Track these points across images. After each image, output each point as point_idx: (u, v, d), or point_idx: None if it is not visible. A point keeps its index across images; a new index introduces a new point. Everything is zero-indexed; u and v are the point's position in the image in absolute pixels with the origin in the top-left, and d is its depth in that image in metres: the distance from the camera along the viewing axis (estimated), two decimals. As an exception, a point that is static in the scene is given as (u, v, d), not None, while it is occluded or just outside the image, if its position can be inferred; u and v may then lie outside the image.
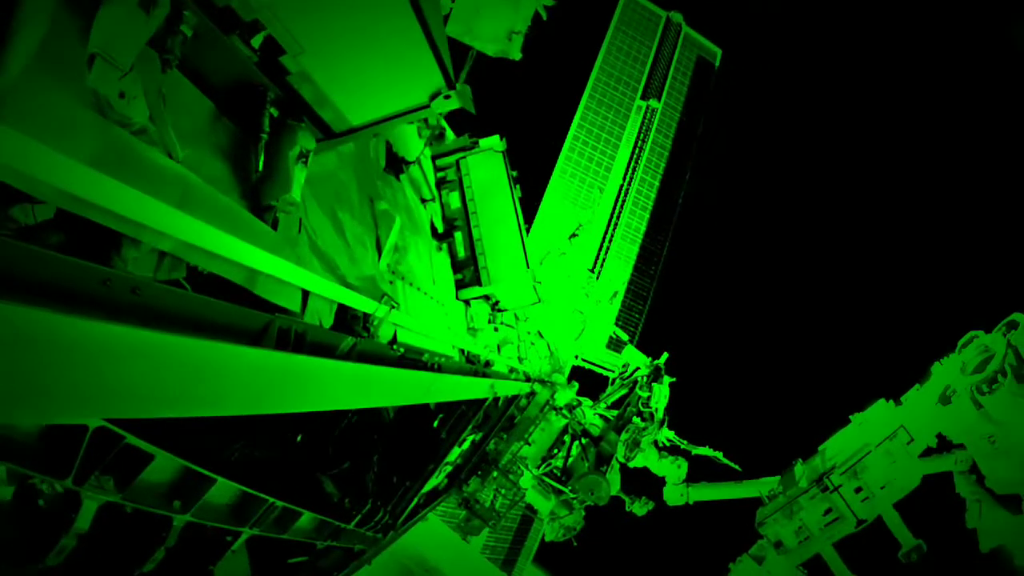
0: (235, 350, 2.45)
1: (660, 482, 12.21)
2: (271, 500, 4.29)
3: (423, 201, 6.22)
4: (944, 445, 10.05)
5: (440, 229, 6.52)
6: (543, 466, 11.82)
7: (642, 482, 12.25)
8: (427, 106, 4.00)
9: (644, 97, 18.29)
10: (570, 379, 12.43)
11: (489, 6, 5.84)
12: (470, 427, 7.61)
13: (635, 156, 17.90)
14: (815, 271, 24.20)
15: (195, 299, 2.46)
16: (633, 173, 17.85)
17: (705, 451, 12.38)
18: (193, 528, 3.87)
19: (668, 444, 12.36)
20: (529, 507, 12.44)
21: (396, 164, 5.78)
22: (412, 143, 6.38)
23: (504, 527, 18.01)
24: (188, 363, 2.18)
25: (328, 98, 3.71)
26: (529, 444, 11.38)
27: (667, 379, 12.25)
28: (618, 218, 17.56)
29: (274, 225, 3.44)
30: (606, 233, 17.38)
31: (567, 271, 14.12)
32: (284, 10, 3.18)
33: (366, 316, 4.00)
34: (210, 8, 2.98)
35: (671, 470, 12.06)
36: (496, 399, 9.59)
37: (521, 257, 6.82)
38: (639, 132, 18.03)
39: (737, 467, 12.25)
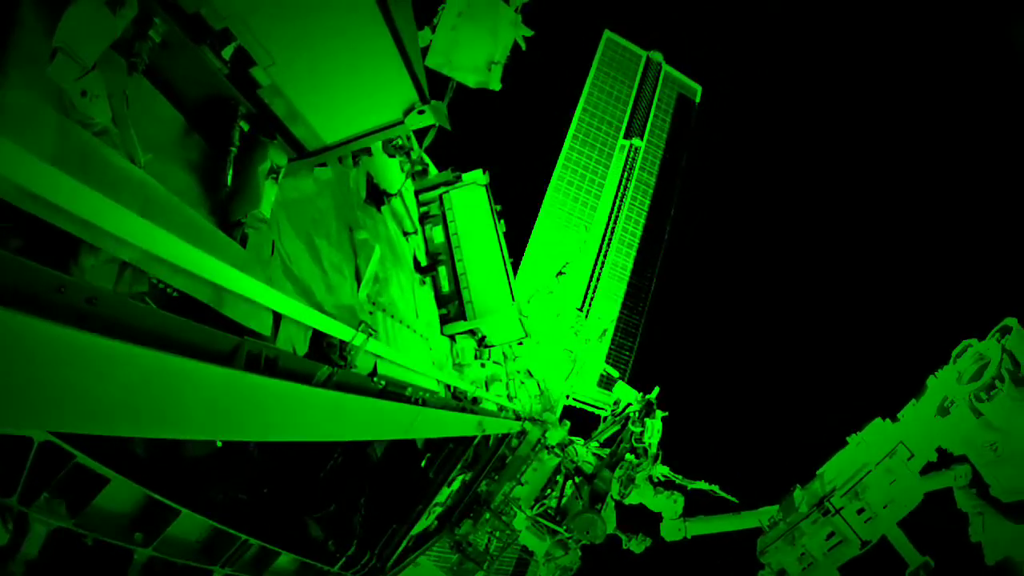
0: (200, 367, 2.30)
1: (657, 518, 11.97)
2: (243, 537, 4.06)
3: (405, 234, 6.08)
4: (944, 459, 9.89)
5: (423, 263, 6.38)
6: (537, 506, 11.56)
7: (639, 519, 12.01)
8: (401, 122, 3.88)
9: (627, 136, 18.35)
10: (561, 418, 12.22)
11: (468, 37, 5.76)
12: (459, 467, 7.39)
13: (620, 194, 17.88)
14: (800, 299, 24.18)
15: (156, 314, 2.30)
16: (618, 211, 17.81)
17: (701, 485, 12.16)
18: (158, 565, 3.64)
19: (663, 480, 12.12)
20: (524, 549, 12.15)
21: (377, 196, 5.66)
22: (394, 176, 6.26)
23: (500, 570, 17.57)
24: (146, 377, 2.01)
25: (300, 113, 3.59)
26: (522, 484, 11.15)
27: (659, 414, 12.06)
28: (605, 256, 17.46)
29: (243, 242, 3.28)
30: (593, 271, 17.26)
31: (556, 310, 13.99)
32: (255, 21, 3.07)
33: (343, 344, 3.82)
34: (180, 15, 2.87)
35: (667, 505, 11.81)
36: (486, 438, 9.38)
37: (506, 290, 6.68)
38: (623, 170, 18.04)
39: (734, 499, 12.03)
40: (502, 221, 7.31)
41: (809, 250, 24.58)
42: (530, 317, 11.67)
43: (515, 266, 15.41)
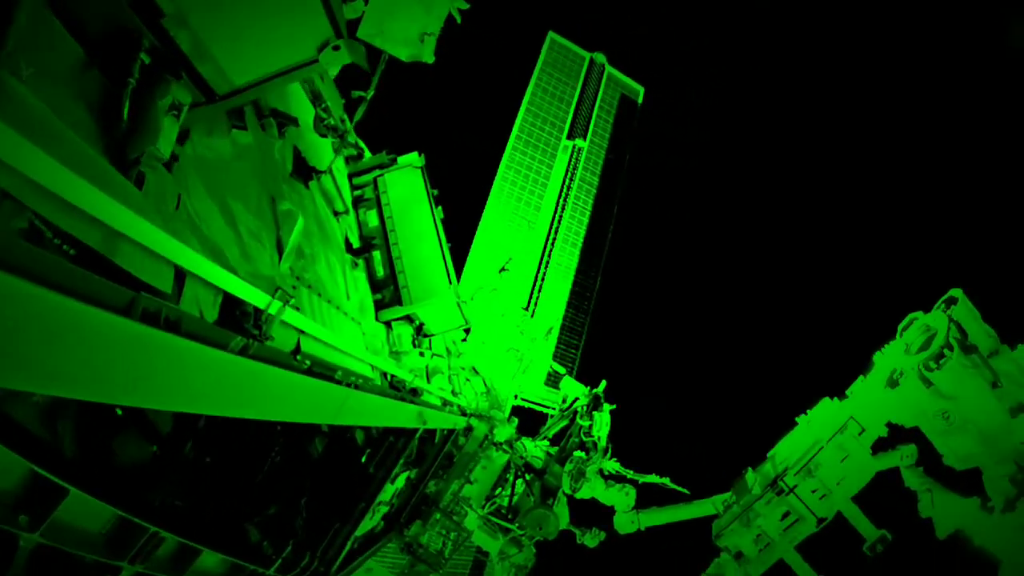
0: (89, 314, 1.90)
1: (610, 511, 11.68)
2: (152, 529, 3.61)
3: (336, 214, 5.68)
4: (893, 436, 9.78)
5: (356, 245, 5.98)
6: (488, 505, 11.19)
7: (591, 513, 11.70)
8: (315, 60, 3.50)
9: (570, 137, 18.17)
10: (509, 418, 11.88)
11: (401, 8, 5.40)
12: (401, 461, 6.97)
13: (563, 194, 17.68)
14: (740, 290, 24.25)
15: (35, 254, 1.87)
16: (562, 211, 17.61)
17: (652, 478, 11.90)
18: (53, 556, 3.19)
19: (614, 474, 11.86)
20: (479, 549, 11.77)
21: (305, 172, 5.26)
22: (324, 154, 5.86)
23: (454, 573, 17.23)
24: (21, 317, 1.62)
25: (207, 48, 3.19)
26: (471, 483, 10.76)
27: (607, 407, 11.78)
28: (550, 255, 17.22)
29: (139, 183, 2.86)
30: (538, 271, 17.02)
31: (501, 309, 13.66)
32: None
33: (258, 313, 3.41)
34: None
35: (619, 498, 11.53)
36: (431, 434, 8.98)
37: (443, 275, 6.32)
38: (567, 171, 17.86)
39: (685, 491, 11.80)
40: (440, 207, 6.96)
41: (747, 240, 24.69)
42: (474, 314, 11.29)
43: (459, 266, 15.08)
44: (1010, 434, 8.61)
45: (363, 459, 6.95)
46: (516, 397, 13.59)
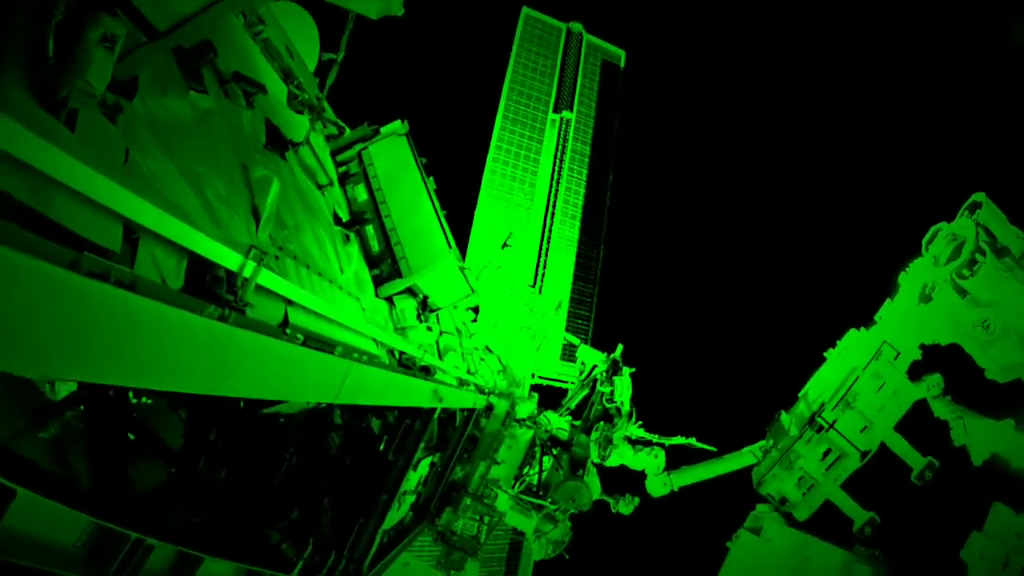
0: (28, 265, 1.44)
1: (641, 476, 11.24)
2: (135, 536, 3.10)
3: (319, 187, 5.17)
4: (925, 360, 9.28)
5: (345, 219, 5.49)
6: (517, 485, 10.76)
7: (622, 480, 11.26)
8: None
9: (556, 110, 17.69)
10: (529, 394, 11.45)
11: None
12: (421, 445, 6.49)
13: (557, 168, 17.22)
14: (746, 245, 23.70)
15: None
16: (557, 184, 17.14)
17: (677, 440, 11.44)
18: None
19: (639, 439, 11.42)
20: (514, 530, 11.39)
21: (280, 143, 4.75)
22: (301, 130, 5.35)
23: (494, 558, 16.88)
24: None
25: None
26: (498, 464, 10.32)
27: (626, 370, 11.31)
28: (550, 230, 16.76)
29: (71, 124, 2.36)
30: (541, 247, 16.56)
31: (509, 289, 13.24)
32: None
33: (232, 277, 2.91)
34: None
35: (649, 462, 11.08)
36: (452, 418, 8.52)
37: (442, 240, 5.82)
38: (557, 144, 17.38)
39: (712, 448, 11.34)
40: (431, 177, 6.46)
41: (746, 194, 24.11)
42: (481, 295, 10.89)
43: (461, 250, 14.63)
44: None
45: (381, 447, 6.48)
46: (533, 376, 13.18)
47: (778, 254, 23.03)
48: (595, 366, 11.67)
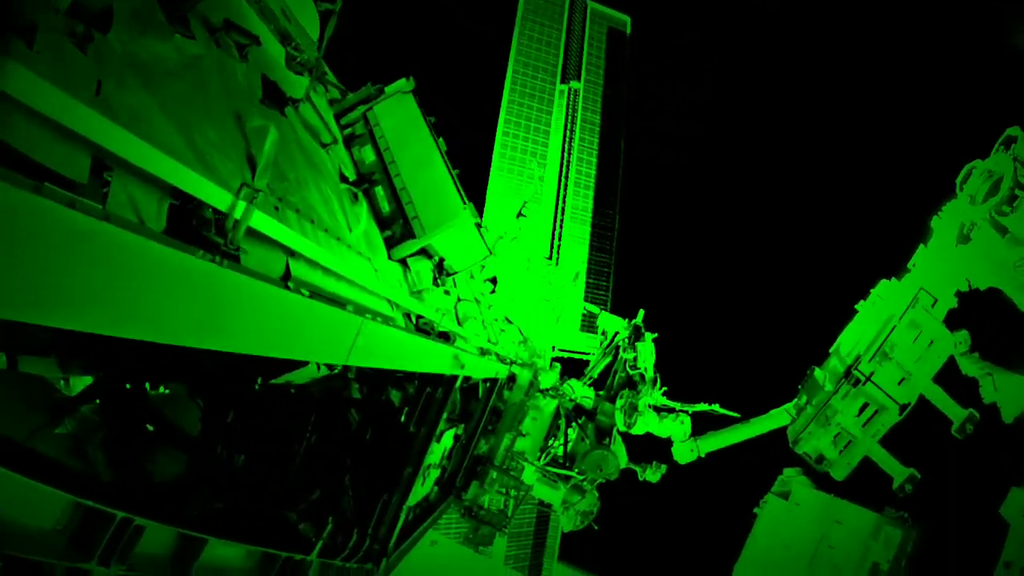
0: None
1: (667, 444, 10.90)
2: (120, 515, 2.75)
3: (323, 145, 4.81)
4: (964, 307, 8.84)
5: (351, 178, 5.13)
6: (543, 456, 10.46)
7: (648, 449, 10.93)
8: None
9: (564, 80, 17.27)
10: (551, 365, 11.13)
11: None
12: (444, 415, 6.17)
13: (568, 139, 16.85)
14: (761, 204, 23.15)
15: None
16: (569, 155, 16.77)
17: (701, 407, 11.10)
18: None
19: (662, 407, 11.09)
20: (541, 502, 11.13)
21: (279, 99, 4.39)
22: (300, 87, 4.99)
23: (522, 532, 16.71)
24: None
25: None
26: (523, 435, 10.03)
27: (649, 336, 10.94)
28: (564, 201, 16.40)
29: (28, 37, 2.01)
30: (555, 218, 16.22)
31: (525, 263, 12.90)
32: None
33: (222, 218, 2.56)
34: None
35: (675, 428, 10.73)
36: (474, 390, 8.20)
37: (456, 197, 5.44)
38: (567, 115, 17.00)
39: (736, 415, 10.99)
40: (441, 139, 6.09)
41: (767, 153, 23.49)
42: (498, 267, 10.55)
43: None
44: None
45: (402, 419, 6.17)
46: (554, 348, 12.87)
47: (800, 210, 22.50)
48: (616, 333, 11.31)
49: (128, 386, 5.53)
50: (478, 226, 5.61)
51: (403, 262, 5.31)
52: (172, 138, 2.76)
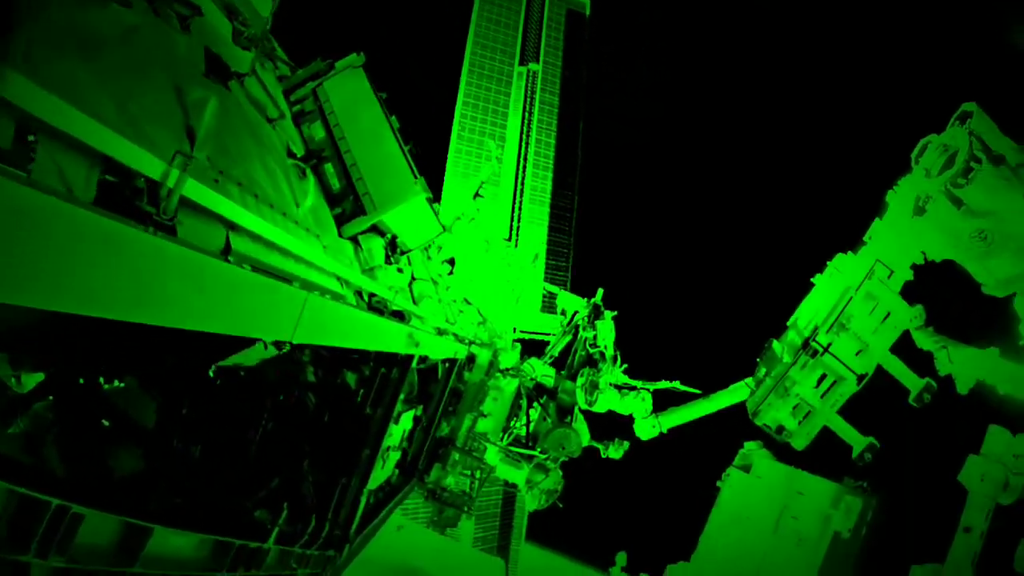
0: None
1: (629, 421, 10.93)
2: (56, 502, 2.63)
3: (269, 121, 4.68)
4: (920, 280, 8.97)
5: (299, 154, 5.00)
6: (506, 437, 10.44)
7: (610, 427, 10.96)
8: None
9: (523, 62, 17.21)
10: (512, 345, 11.07)
11: None
12: (401, 396, 6.08)
13: (526, 120, 16.78)
14: (718, 184, 23.31)
15: None
16: (528, 137, 16.71)
17: (662, 384, 11.13)
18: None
19: (624, 385, 11.11)
20: (506, 483, 11.11)
21: (223, 72, 4.25)
22: (246, 62, 4.84)
23: (489, 514, 16.78)
24: None
25: None
26: (484, 416, 9.99)
27: (608, 314, 10.93)
28: (523, 183, 16.35)
29: None
30: (514, 200, 16.17)
31: (484, 244, 12.81)
32: None
33: (154, 188, 2.45)
34: None
35: (636, 405, 10.76)
36: (433, 371, 8.12)
37: (407, 173, 5.33)
38: (525, 96, 16.93)
39: (697, 391, 11.06)
40: (393, 116, 5.98)
41: (721, 131, 23.60)
42: (456, 248, 10.46)
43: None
44: None
45: (358, 400, 6.07)
46: (515, 330, 12.82)
47: (757, 188, 22.68)
48: (576, 312, 11.29)
49: (81, 381, 5.38)
50: (431, 202, 5.51)
51: (354, 240, 5.20)
52: (104, 107, 2.63)
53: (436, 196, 13.10)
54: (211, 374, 6.28)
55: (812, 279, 9.61)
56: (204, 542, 4.08)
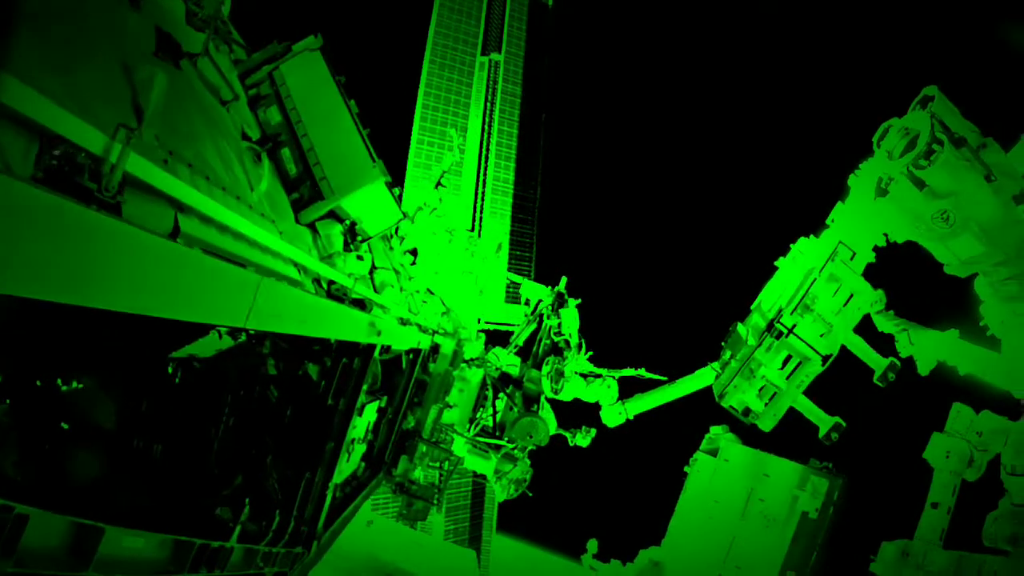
0: None
1: (595, 408, 10.93)
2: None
3: (223, 103, 4.52)
4: (883, 260, 9.08)
5: (255, 137, 4.85)
6: (472, 427, 10.36)
7: (577, 414, 10.94)
8: None
9: (485, 52, 17.04)
10: (476, 336, 11.00)
11: None
12: (364, 387, 5.95)
13: (488, 110, 16.65)
14: (685, 170, 23.41)
15: None
16: (490, 127, 16.58)
17: (627, 372, 11.14)
18: None
19: (589, 373, 11.10)
20: (475, 474, 11.05)
21: (174, 52, 4.09)
22: (197, 40, 4.68)
23: (459, 506, 16.72)
24: None
25: None
26: (450, 407, 9.91)
27: (572, 302, 10.90)
28: (486, 173, 16.24)
29: None
30: (477, 190, 16.06)
31: (447, 234, 12.70)
32: None
33: (97, 164, 2.32)
34: None
35: (603, 392, 10.75)
36: (397, 363, 7.99)
37: (365, 157, 5.20)
38: (488, 86, 16.79)
39: (663, 378, 11.08)
40: (352, 100, 5.84)
41: (682, 118, 23.66)
42: (418, 239, 10.34)
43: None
44: (1015, 225, 7.81)
45: (320, 392, 5.93)
46: (479, 321, 12.75)
47: (719, 174, 22.83)
48: (540, 300, 11.24)
49: (38, 383, 5.20)
50: (390, 186, 5.38)
51: (312, 226, 5.07)
52: (46, 80, 2.49)
53: (397, 186, 12.93)
54: (170, 371, 6.13)
55: (776, 263, 9.66)
56: (164, 543, 3.94)
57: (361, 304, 5.32)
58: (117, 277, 2.15)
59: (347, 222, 5.35)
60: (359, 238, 5.64)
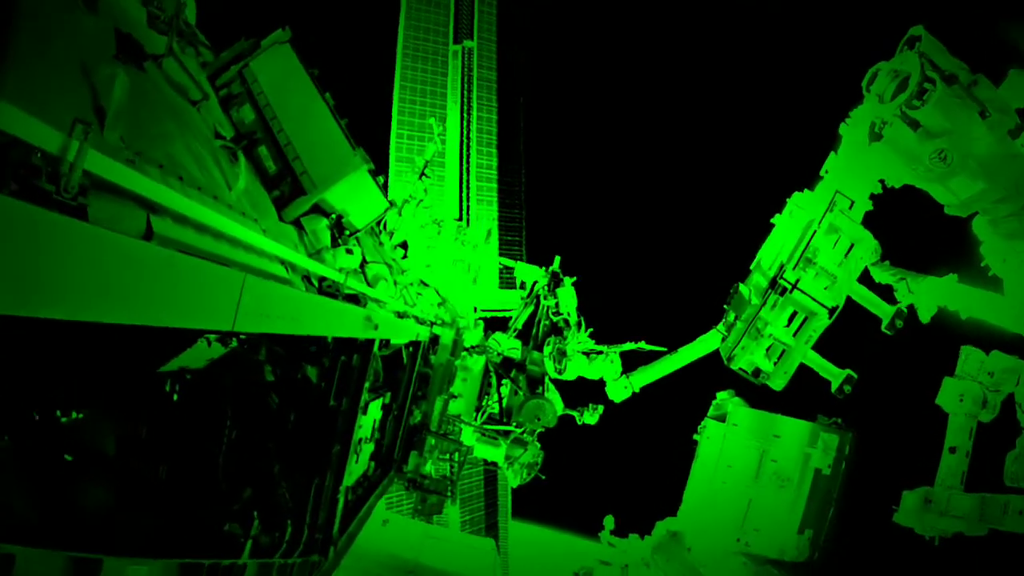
0: None
1: (600, 385, 10.80)
2: None
3: (193, 103, 4.32)
4: (881, 208, 8.94)
5: (228, 136, 4.66)
6: (479, 416, 10.24)
7: (581, 393, 10.82)
8: None
9: (457, 40, 16.81)
10: (475, 323, 10.87)
11: None
12: (366, 385, 5.78)
13: (466, 98, 16.46)
14: (671, 137, 23.18)
15: None
16: (469, 115, 16.40)
17: (627, 346, 11.01)
18: None
19: (590, 350, 10.98)
20: (486, 462, 10.95)
21: (137, 54, 3.88)
22: (160, 44, 4.47)
23: (473, 496, 16.64)
24: None
25: None
26: (455, 398, 9.77)
27: (568, 280, 10.75)
28: (469, 162, 16.06)
29: None
30: (461, 179, 15.90)
31: (435, 226, 12.55)
32: None
33: (54, 164, 2.13)
34: None
35: (606, 368, 10.61)
36: (398, 358, 7.82)
37: (345, 146, 5.01)
38: (463, 74, 16.59)
39: (663, 349, 10.96)
40: (328, 92, 5.64)
41: (667, 86, 23.42)
42: (407, 232, 10.17)
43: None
44: (1013, 159, 7.63)
45: (322, 393, 5.76)
46: (476, 310, 12.61)
47: (702, 140, 22.65)
48: (535, 282, 11.08)
49: (36, 416, 5.02)
50: (373, 174, 5.19)
51: (297, 223, 4.87)
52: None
53: (381, 174, 12.75)
54: (167, 388, 5.95)
55: (772, 219, 9.48)
56: (168, 567, 3.76)
57: (355, 299, 5.14)
58: (86, 283, 1.96)
59: (333, 216, 5.16)
60: (347, 232, 5.45)
